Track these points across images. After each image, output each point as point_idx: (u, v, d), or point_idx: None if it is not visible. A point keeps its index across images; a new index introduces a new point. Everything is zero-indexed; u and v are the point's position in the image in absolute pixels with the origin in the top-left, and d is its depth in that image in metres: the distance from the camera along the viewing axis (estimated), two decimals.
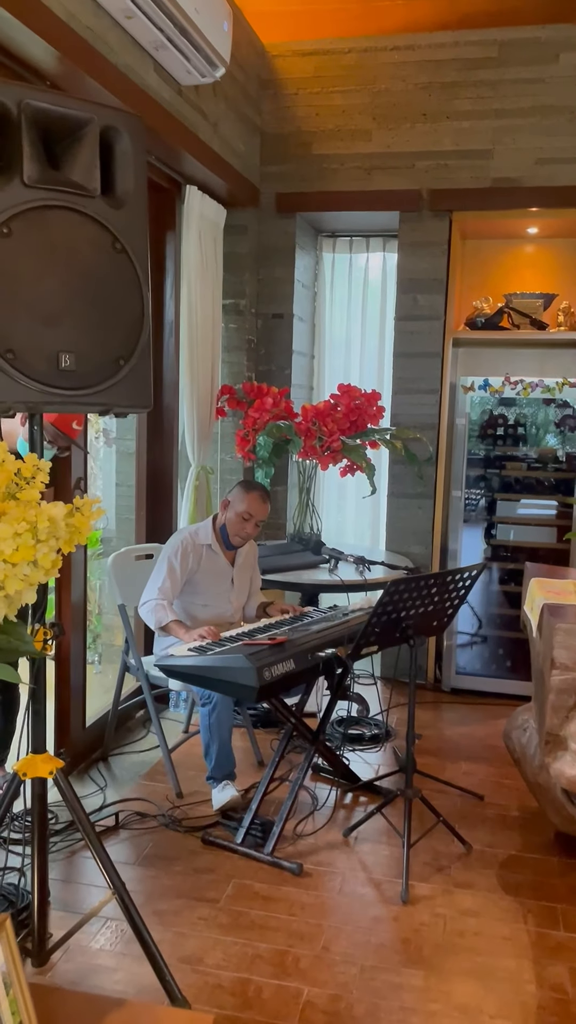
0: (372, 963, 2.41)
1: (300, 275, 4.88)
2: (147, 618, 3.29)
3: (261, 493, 3.41)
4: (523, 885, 2.82)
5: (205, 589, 3.43)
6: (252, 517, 3.38)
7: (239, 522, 3.38)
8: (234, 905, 2.66)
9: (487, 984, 2.33)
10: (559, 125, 4.36)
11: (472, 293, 4.84)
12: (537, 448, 4.57)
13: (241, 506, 3.37)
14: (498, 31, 4.37)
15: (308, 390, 5.23)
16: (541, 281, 4.81)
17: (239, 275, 4.62)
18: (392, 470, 4.74)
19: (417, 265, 4.61)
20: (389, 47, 4.51)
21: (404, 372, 4.68)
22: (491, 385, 4.49)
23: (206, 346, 4.19)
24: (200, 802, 3.27)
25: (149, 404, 2.05)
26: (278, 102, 4.68)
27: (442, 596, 2.92)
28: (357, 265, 5.21)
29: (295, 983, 2.32)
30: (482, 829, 3.17)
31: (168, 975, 2.16)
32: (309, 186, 4.67)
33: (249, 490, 3.41)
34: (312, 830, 3.12)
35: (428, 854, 2.98)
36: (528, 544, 4.62)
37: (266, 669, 2.65)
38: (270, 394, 4.19)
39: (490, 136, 4.45)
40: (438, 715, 4.37)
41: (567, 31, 4.29)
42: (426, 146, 4.52)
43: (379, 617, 2.73)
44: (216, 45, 3.45)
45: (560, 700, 2.63)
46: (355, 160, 4.61)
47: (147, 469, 4.26)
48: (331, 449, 3.97)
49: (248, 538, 3.46)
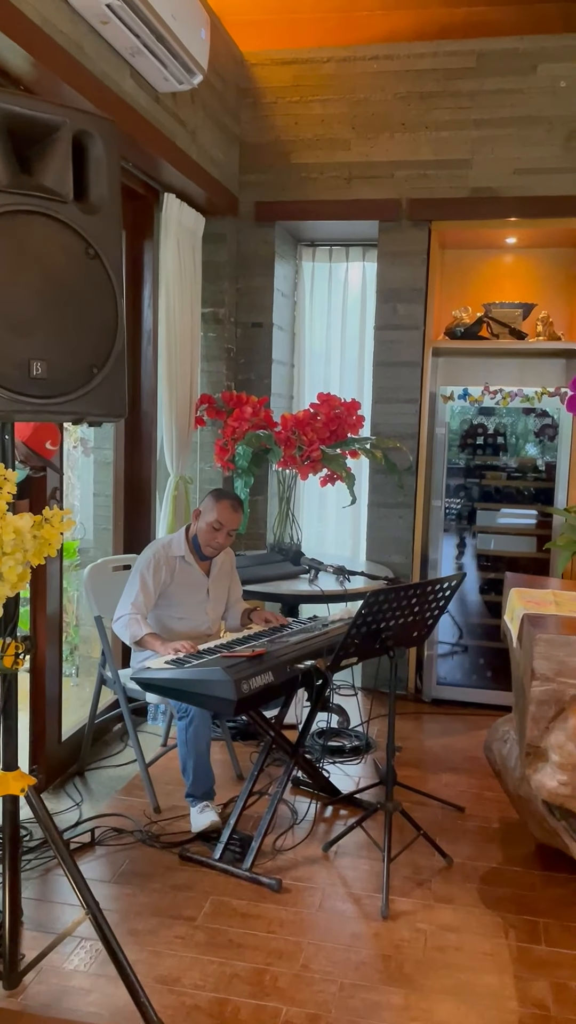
0: (352, 981, 2.37)
1: (280, 284, 4.86)
2: (121, 633, 3.24)
3: (232, 502, 3.35)
4: (504, 899, 2.79)
5: (180, 601, 3.38)
6: (223, 527, 3.32)
7: (210, 532, 3.33)
8: (212, 923, 2.61)
9: (468, 1001, 2.30)
10: (537, 135, 4.38)
11: (451, 303, 4.84)
12: (517, 457, 4.57)
13: (211, 515, 3.32)
14: (476, 41, 4.38)
15: (288, 399, 5.21)
16: (520, 291, 4.82)
17: (218, 284, 4.59)
18: (372, 480, 4.72)
19: (397, 274, 4.61)
20: (368, 56, 4.51)
21: (384, 381, 4.67)
22: (471, 395, 4.49)
23: (185, 355, 4.16)
24: (178, 817, 3.22)
25: (123, 413, 2.01)
26: (257, 111, 4.67)
27: (422, 607, 2.89)
28: (337, 274, 5.20)
29: (274, 1002, 2.27)
30: (463, 842, 3.14)
31: (143, 996, 2.11)
32: (288, 195, 4.66)
33: (219, 499, 3.35)
34: (291, 845, 3.08)
35: (409, 868, 2.95)
36: (508, 553, 4.61)
37: (244, 682, 2.61)
38: (249, 403, 4.16)
39: (469, 146, 4.46)
40: (419, 726, 4.34)
41: (544, 42, 4.31)
42: (405, 155, 4.53)
43: (359, 628, 2.70)
44: (193, 52, 3.43)
45: (540, 711, 2.61)
46: (334, 169, 4.61)
47: (125, 479, 4.22)
48: (311, 459, 3.94)
49: (220, 548, 3.40)
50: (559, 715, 2.59)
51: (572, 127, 4.34)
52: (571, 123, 4.34)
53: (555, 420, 4.47)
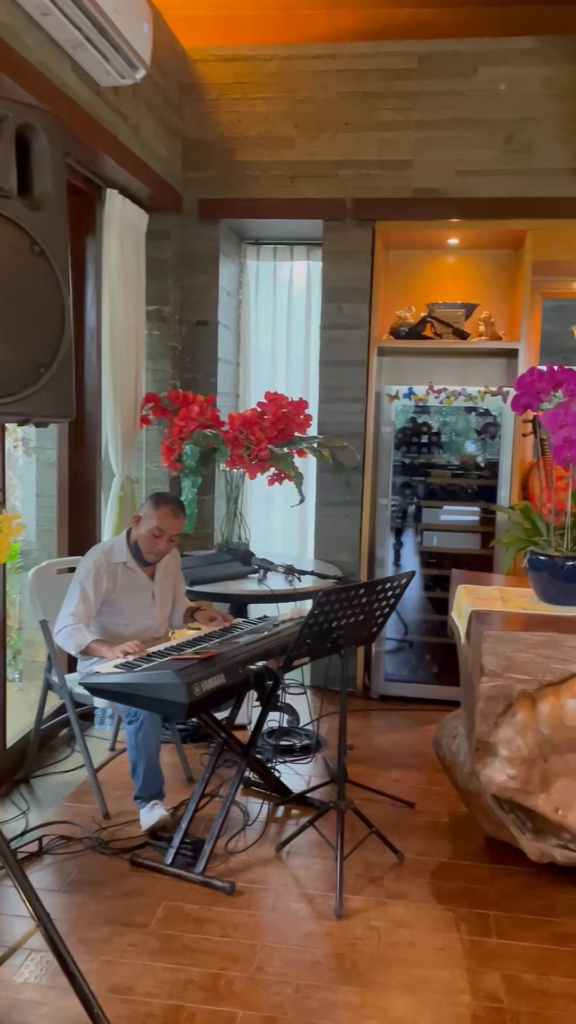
0: (307, 982, 2.36)
1: (225, 282, 4.83)
2: (65, 644, 3.16)
3: (172, 507, 3.28)
4: (455, 893, 2.82)
5: (125, 607, 3.32)
6: (164, 533, 3.26)
7: (151, 539, 3.27)
8: (165, 929, 2.58)
9: (422, 997, 2.31)
10: (478, 138, 4.43)
11: (395, 303, 4.87)
12: (460, 456, 4.63)
13: (152, 523, 3.25)
14: (418, 43, 4.42)
15: (234, 398, 5.19)
16: (462, 291, 4.88)
17: (163, 281, 4.54)
18: (320, 478, 4.73)
19: (341, 274, 4.62)
20: (311, 55, 4.51)
21: (330, 380, 4.68)
22: (415, 394, 4.53)
23: (129, 353, 4.10)
24: (128, 822, 3.17)
25: (71, 414, 1.97)
26: (199, 107, 4.63)
27: (373, 605, 2.90)
28: (281, 273, 5.19)
29: (229, 1007, 2.25)
30: (413, 837, 3.17)
31: (97, 1007, 2.07)
32: (232, 192, 4.64)
33: (159, 505, 3.27)
34: (244, 847, 3.06)
35: (361, 865, 2.96)
36: (453, 550, 4.67)
37: (196, 684, 2.58)
38: (196, 402, 4.13)
39: (412, 147, 4.49)
40: (367, 723, 4.37)
41: (484, 45, 4.37)
42: (349, 155, 4.54)
43: (311, 628, 2.69)
44: (136, 46, 3.38)
45: (489, 707, 2.64)
46: (278, 167, 4.60)
47: (69, 479, 4.14)
48: (259, 458, 3.93)
49: (161, 555, 3.34)
50: (507, 710, 2.63)
51: (511, 130, 4.41)
52: (510, 126, 4.41)
53: (497, 419, 4.54)
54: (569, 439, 2.64)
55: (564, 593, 2.86)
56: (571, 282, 5.10)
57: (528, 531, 2.93)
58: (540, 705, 2.57)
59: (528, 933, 2.61)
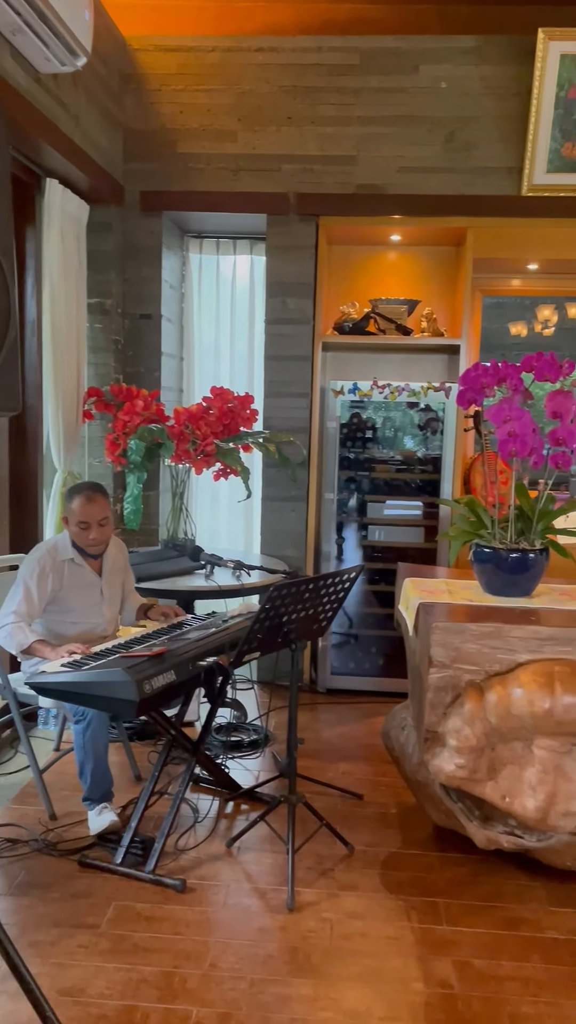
0: (261, 976, 2.36)
1: (167, 275, 4.78)
2: (6, 643, 3.07)
3: (85, 494, 3.20)
4: (405, 882, 2.85)
5: (73, 606, 3.26)
6: (89, 521, 3.19)
7: (81, 532, 3.20)
8: (116, 929, 2.55)
9: (375, 986, 2.33)
10: (420, 135, 4.47)
11: (340, 298, 4.90)
12: (404, 451, 4.67)
13: (74, 517, 3.19)
14: (359, 39, 4.43)
15: (178, 393, 5.14)
16: (405, 287, 4.93)
17: (104, 274, 4.47)
18: (266, 473, 4.72)
19: (285, 268, 4.62)
20: (253, 48, 4.49)
21: (275, 375, 4.67)
22: (360, 389, 4.55)
23: (71, 347, 4.03)
24: (75, 823, 3.12)
25: (18, 407, 1.92)
26: (141, 97, 4.57)
27: (323, 599, 2.91)
28: (225, 267, 5.16)
29: (183, 1005, 2.24)
30: (363, 829, 3.19)
31: (49, 1010, 2.03)
32: (175, 185, 4.59)
33: (72, 497, 3.20)
34: (194, 844, 3.04)
35: (311, 858, 2.97)
36: (397, 544, 4.71)
37: (146, 682, 2.56)
38: (141, 396, 4.08)
39: (354, 142, 4.51)
40: (315, 717, 4.39)
41: (425, 43, 4.40)
42: (292, 149, 4.53)
43: (262, 622, 2.69)
44: (77, 33, 3.32)
45: (438, 697, 2.68)
46: (221, 160, 4.57)
47: (9, 475, 4.05)
48: (205, 453, 3.90)
49: (101, 543, 3.26)
50: (456, 700, 2.66)
51: (452, 128, 4.46)
52: (451, 124, 4.46)
53: (440, 414, 4.59)
54: (514, 433, 2.68)
55: (508, 584, 2.91)
56: (510, 279, 5.21)
57: (473, 524, 2.97)
58: (487, 695, 2.61)
59: (477, 919, 2.65)
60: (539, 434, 2.74)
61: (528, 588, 2.93)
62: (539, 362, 2.77)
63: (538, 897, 2.78)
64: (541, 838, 2.71)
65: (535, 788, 2.60)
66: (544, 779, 2.60)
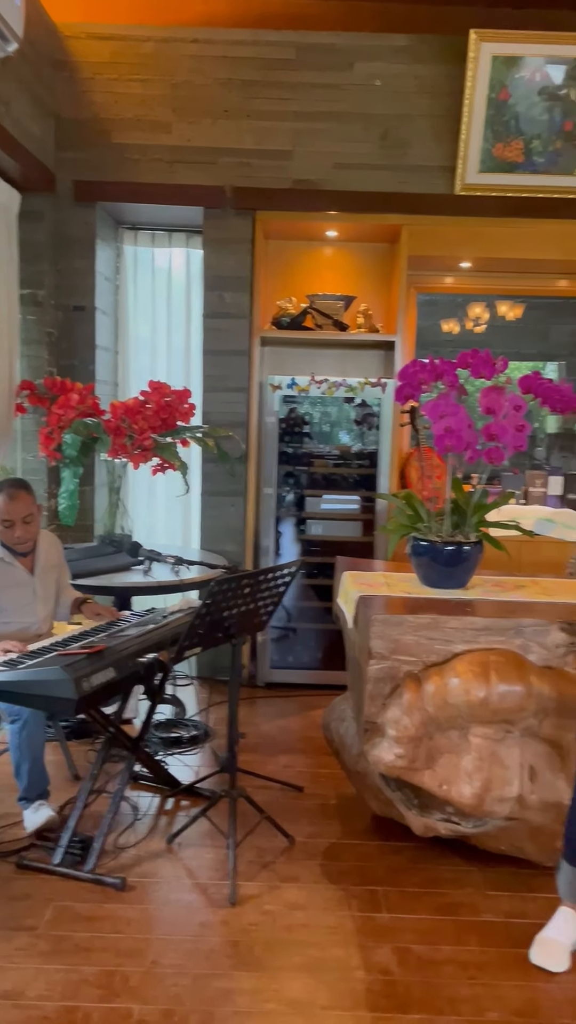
0: (203, 971, 2.36)
1: (101, 267, 4.72)
2: None
3: (7, 492, 3.14)
4: (345, 872, 2.88)
5: (6, 605, 3.19)
6: (11, 519, 3.13)
7: (5, 531, 3.14)
8: (55, 930, 2.52)
9: (318, 976, 2.36)
10: (354, 132, 4.50)
11: (277, 293, 4.90)
12: (341, 446, 4.71)
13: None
14: (295, 34, 4.44)
15: (113, 386, 5.08)
16: (341, 283, 4.96)
17: (37, 264, 4.39)
18: (204, 468, 4.70)
19: (222, 262, 4.60)
20: (188, 39, 4.45)
21: (213, 370, 4.65)
22: (298, 384, 4.57)
23: (2, 339, 3.94)
24: (11, 824, 3.07)
25: None
26: (73, 86, 4.48)
27: (263, 594, 2.92)
28: (160, 259, 5.12)
29: (125, 1003, 2.22)
30: (303, 821, 3.21)
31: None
32: (110, 175, 4.52)
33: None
34: (135, 841, 3.02)
35: (252, 852, 2.98)
36: (335, 538, 4.75)
37: (84, 679, 2.52)
38: (75, 390, 4.01)
39: (290, 137, 4.51)
40: (255, 710, 4.40)
41: (360, 40, 4.43)
42: (228, 143, 4.52)
43: (203, 618, 2.68)
44: (7, 18, 3.23)
45: (377, 689, 2.71)
46: (157, 152, 4.52)
47: None
48: (142, 447, 3.86)
49: (27, 540, 3.21)
50: (394, 691, 2.70)
51: (386, 126, 4.51)
52: (385, 122, 4.50)
53: (376, 409, 4.64)
54: (450, 429, 2.73)
55: (445, 577, 2.97)
56: (443, 277, 5.29)
57: (411, 518, 3.01)
58: (425, 685, 2.66)
59: (416, 905, 2.70)
60: (474, 429, 2.79)
61: (463, 580, 2.99)
62: (474, 359, 2.82)
63: (474, 882, 2.84)
64: (477, 824, 2.77)
65: (471, 775, 2.66)
66: (480, 766, 2.66)
